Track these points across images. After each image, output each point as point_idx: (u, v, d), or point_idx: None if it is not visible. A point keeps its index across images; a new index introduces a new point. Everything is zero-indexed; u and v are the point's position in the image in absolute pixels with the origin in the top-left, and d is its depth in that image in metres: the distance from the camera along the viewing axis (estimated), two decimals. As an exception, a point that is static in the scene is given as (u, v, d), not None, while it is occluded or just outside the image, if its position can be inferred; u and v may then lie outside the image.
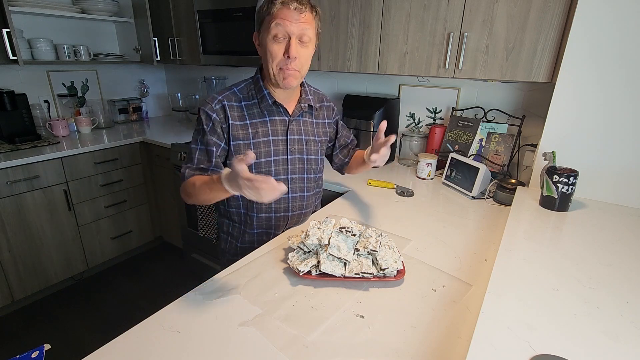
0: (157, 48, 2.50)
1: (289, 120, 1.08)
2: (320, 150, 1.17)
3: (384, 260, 0.85)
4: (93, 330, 1.95)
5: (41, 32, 2.29)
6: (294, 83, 0.99)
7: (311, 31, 0.96)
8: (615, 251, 0.90)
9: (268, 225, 1.13)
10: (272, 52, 0.94)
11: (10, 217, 1.87)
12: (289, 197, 1.12)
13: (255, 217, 1.11)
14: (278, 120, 1.07)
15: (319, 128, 1.16)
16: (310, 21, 0.95)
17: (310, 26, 0.95)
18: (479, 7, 1.31)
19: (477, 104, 1.72)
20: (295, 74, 0.98)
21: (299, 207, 1.15)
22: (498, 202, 1.38)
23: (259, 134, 1.04)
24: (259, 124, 1.04)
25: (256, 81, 1.05)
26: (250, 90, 1.06)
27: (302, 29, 0.93)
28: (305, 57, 0.98)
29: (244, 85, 1.07)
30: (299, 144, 1.10)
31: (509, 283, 0.75)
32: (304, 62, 0.98)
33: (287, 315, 0.75)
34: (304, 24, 0.93)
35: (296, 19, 0.92)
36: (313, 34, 0.97)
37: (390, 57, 1.56)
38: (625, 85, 1.13)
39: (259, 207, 1.10)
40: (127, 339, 0.68)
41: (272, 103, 1.04)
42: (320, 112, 1.17)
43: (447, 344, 0.68)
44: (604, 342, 0.60)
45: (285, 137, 1.07)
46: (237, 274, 0.89)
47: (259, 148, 1.04)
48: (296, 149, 1.09)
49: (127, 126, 2.69)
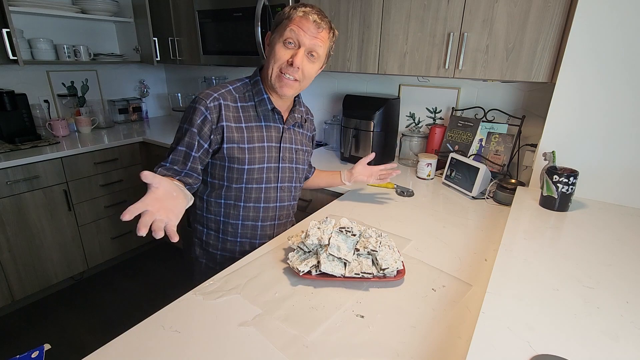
0: (157, 48, 2.50)
1: (283, 129, 1.06)
2: (306, 161, 1.18)
3: (384, 260, 0.85)
4: (93, 330, 1.95)
5: (41, 32, 2.29)
6: (290, 93, 0.98)
7: (322, 49, 0.95)
8: (616, 251, 0.90)
9: (253, 235, 1.09)
10: (278, 54, 0.93)
11: (10, 217, 1.87)
12: (277, 205, 1.09)
13: (239, 225, 1.07)
14: (273, 126, 1.04)
15: (305, 139, 1.16)
16: (325, 40, 0.95)
17: (323, 44, 0.94)
18: (479, 7, 1.31)
19: (477, 104, 1.72)
20: (294, 85, 0.96)
21: (286, 216, 1.14)
22: (498, 202, 1.38)
23: (255, 139, 1.01)
24: (254, 128, 1.01)
25: (255, 83, 1.02)
26: (247, 91, 1.02)
27: (314, 44, 0.92)
28: (308, 71, 0.96)
29: (240, 84, 1.03)
30: (290, 152, 1.08)
31: (509, 283, 0.75)
32: (306, 76, 0.97)
33: (287, 315, 0.75)
34: (317, 40, 0.92)
35: (312, 33, 0.91)
36: (323, 52, 0.97)
37: (390, 57, 1.56)
38: (625, 85, 1.13)
39: (246, 214, 1.06)
40: (127, 339, 0.68)
41: (271, 109, 1.02)
42: (306, 124, 1.17)
43: (447, 344, 0.68)
44: (604, 342, 0.60)
45: (279, 145, 1.05)
46: (237, 274, 0.89)
47: (254, 153, 1.00)
48: (287, 158, 1.08)
49: (127, 126, 2.69)
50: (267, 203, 1.07)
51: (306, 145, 1.16)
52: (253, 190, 1.04)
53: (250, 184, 1.03)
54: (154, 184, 0.72)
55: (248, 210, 1.06)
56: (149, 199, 0.70)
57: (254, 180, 1.03)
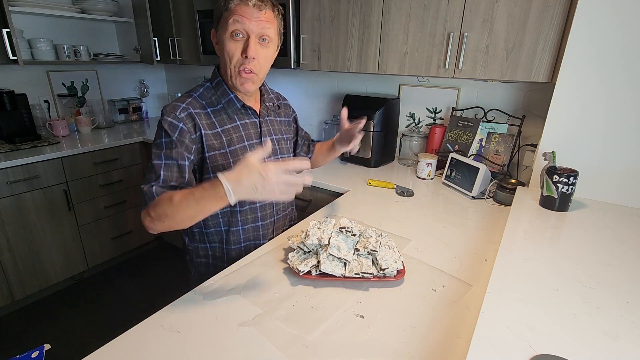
0: (157, 48, 2.50)
1: (260, 122, 1.03)
2: (291, 148, 1.15)
3: (384, 260, 0.85)
4: (93, 330, 1.95)
5: (41, 32, 2.29)
6: (252, 88, 0.94)
7: (272, 31, 0.90)
8: (615, 251, 0.90)
9: (255, 236, 1.07)
10: (230, 50, 0.88)
11: (10, 217, 1.87)
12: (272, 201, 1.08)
13: (240, 230, 1.04)
14: (249, 123, 1.01)
15: (283, 126, 1.13)
16: (272, 19, 0.89)
17: (270, 25, 0.89)
18: (479, 7, 1.31)
19: (477, 104, 1.72)
20: (253, 78, 0.92)
21: (283, 209, 1.13)
22: (498, 202, 1.38)
23: (234, 141, 0.97)
24: (231, 130, 0.97)
25: (218, 84, 0.97)
26: (212, 95, 0.97)
27: (262, 28, 0.87)
28: (264, 59, 0.91)
29: (203, 90, 0.97)
30: (272, 144, 1.05)
31: (509, 283, 0.75)
32: (263, 64, 0.92)
33: (287, 315, 0.75)
34: (264, 22, 0.87)
35: (256, 17, 0.85)
36: (274, 33, 0.91)
37: (390, 57, 1.56)
38: (625, 85, 1.13)
39: (244, 218, 1.03)
40: (127, 339, 0.68)
41: (242, 107, 0.98)
42: (281, 110, 1.14)
43: (447, 344, 0.68)
44: (604, 342, 0.60)
45: (260, 140, 1.03)
46: (237, 274, 0.89)
47: (237, 156, 0.96)
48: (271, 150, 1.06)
49: (127, 126, 2.69)
50: (262, 202, 1.06)
51: (287, 133, 1.13)
52: None
53: None
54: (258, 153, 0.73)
55: (246, 214, 1.03)
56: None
57: None
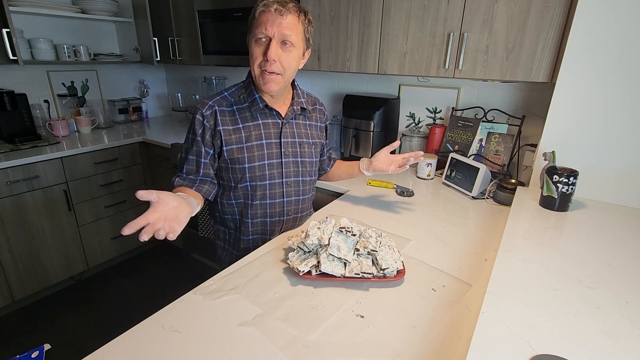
0: (157, 48, 2.50)
1: (282, 123, 1.07)
2: (315, 153, 1.16)
3: (384, 260, 0.85)
4: (93, 330, 1.95)
5: (41, 32, 2.29)
6: (275, 88, 0.98)
7: (294, 36, 0.94)
8: (615, 251, 0.90)
9: (263, 231, 1.12)
10: (254, 53, 0.95)
11: (10, 217, 1.87)
12: (284, 201, 1.10)
13: (250, 222, 1.10)
14: (271, 123, 1.06)
15: (312, 130, 1.15)
16: (294, 25, 0.93)
17: (292, 31, 0.93)
18: (479, 7, 1.31)
19: (477, 104, 1.72)
20: (276, 78, 0.96)
21: (294, 211, 1.14)
22: (498, 202, 1.38)
23: (252, 137, 1.03)
24: (251, 127, 1.03)
25: (247, 85, 1.04)
26: (241, 94, 1.05)
27: (282, 32, 0.92)
28: (287, 61, 0.95)
29: (235, 89, 1.06)
30: (293, 146, 1.09)
31: (509, 283, 0.75)
32: (287, 67, 0.96)
33: (287, 315, 0.75)
34: (284, 28, 0.91)
35: (278, 23, 0.91)
36: (298, 38, 0.95)
37: (390, 57, 1.56)
38: (625, 85, 1.13)
39: (254, 212, 1.09)
40: (127, 339, 0.68)
41: (264, 107, 1.03)
42: (313, 114, 1.16)
43: (447, 344, 0.68)
44: (604, 342, 0.60)
45: (279, 140, 1.06)
46: (237, 274, 0.89)
47: (252, 152, 1.03)
48: (290, 152, 1.08)
49: (127, 126, 2.69)
50: (273, 199, 1.09)
51: (313, 137, 1.15)
52: (258, 187, 1.06)
53: (254, 181, 1.05)
54: (151, 199, 0.73)
55: (256, 207, 1.08)
56: (150, 213, 0.72)
57: (257, 177, 1.05)
